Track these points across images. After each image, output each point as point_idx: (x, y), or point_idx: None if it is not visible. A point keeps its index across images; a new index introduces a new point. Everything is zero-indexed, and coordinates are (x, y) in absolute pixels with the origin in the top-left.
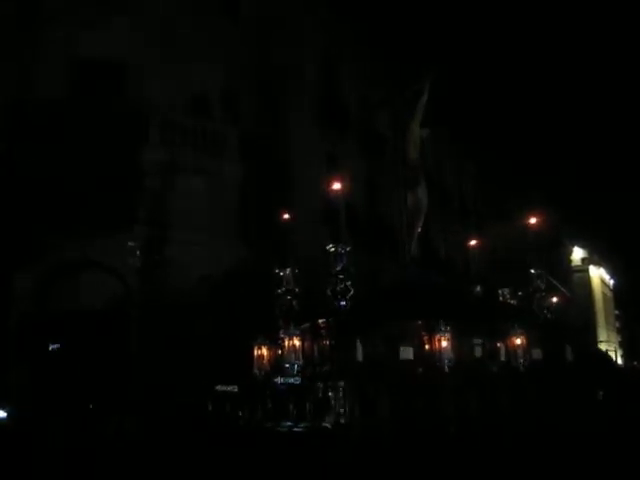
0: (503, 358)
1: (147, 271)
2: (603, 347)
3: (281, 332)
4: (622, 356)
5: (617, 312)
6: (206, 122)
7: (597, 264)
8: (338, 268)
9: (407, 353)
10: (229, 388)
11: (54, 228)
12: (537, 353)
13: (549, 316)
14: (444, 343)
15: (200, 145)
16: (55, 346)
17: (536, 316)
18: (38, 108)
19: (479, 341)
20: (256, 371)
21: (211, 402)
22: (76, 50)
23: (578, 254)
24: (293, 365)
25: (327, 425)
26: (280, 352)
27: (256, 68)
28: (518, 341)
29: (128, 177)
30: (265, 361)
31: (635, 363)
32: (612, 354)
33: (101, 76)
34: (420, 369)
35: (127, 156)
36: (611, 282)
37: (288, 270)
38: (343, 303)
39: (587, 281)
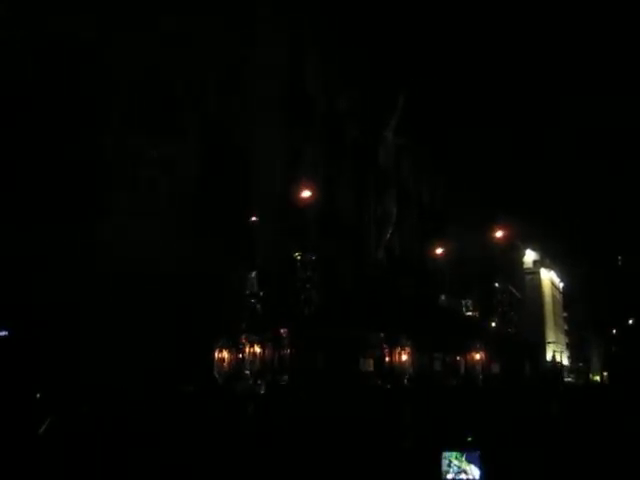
0: (462, 372)
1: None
2: (551, 348)
3: (243, 337)
4: (569, 357)
5: (565, 314)
6: (167, 108)
7: (548, 267)
8: (303, 276)
9: (367, 365)
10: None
11: (13, 216)
12: (496, 367)
13: (510, 330)
14: (404, 357)
15: (161, 133)
16: (2, 333)
17: (496, 331)
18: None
19: (439, 355)
20: (216, 374)
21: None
22: (36, 30)
23: (530, 257)
24: (253, 372)
25: None
26: (241, 356)
27: (221, 58)
28: (477, 356)
29: (88, 164)
30: (225, 364)
31: (580, 364)
32: (558, 355)
33: (61, 58)
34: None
35: (87, 142)
36: (561, 285)
37: (253, 273)
38: (306, 312)
39: (538, 283)
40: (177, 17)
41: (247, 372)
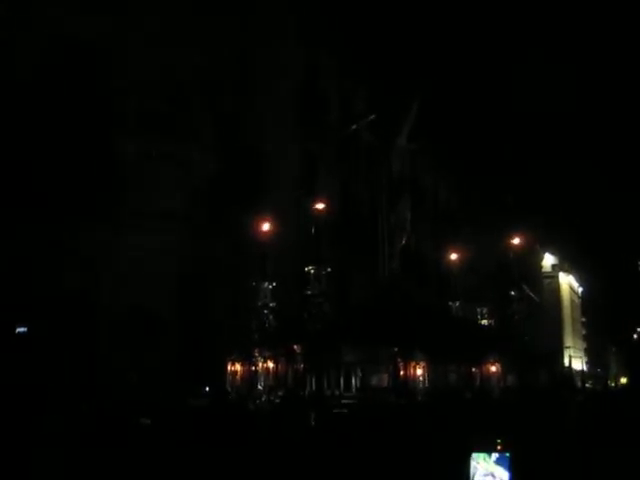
0: (478, 384)
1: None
2: (568, 354)
3: (256, 351)
4: (587, 363)
5: (584, 319)
6: (183, 110)
7: (567, 271)
8: (316, 291)
9: (380, 380)
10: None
11: (28, 212)
12: (512, 378)
13: (526, 338)
14: (419, 371)
15: (176, 133)
16: (22, 329)
17: (512, 342)
18: (15, 90)
19: (454, 367)
20: (229, 387)
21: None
22: (54, 31)
23: (549, 260)
24: (265, 387)
25: None
26: (254, 369)
27: (236, 60)
28: (493, 368)
29: (101, 162)
30: (238, 377)
31: (599, 370)
32: (577, 361)
33: (78, 59)
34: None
35: (101, 141)
36: (580, 289)
37: (266, 284)
38: (319, 327)
39: (556, 287)
40: (192, 17)
41: (260, 387)
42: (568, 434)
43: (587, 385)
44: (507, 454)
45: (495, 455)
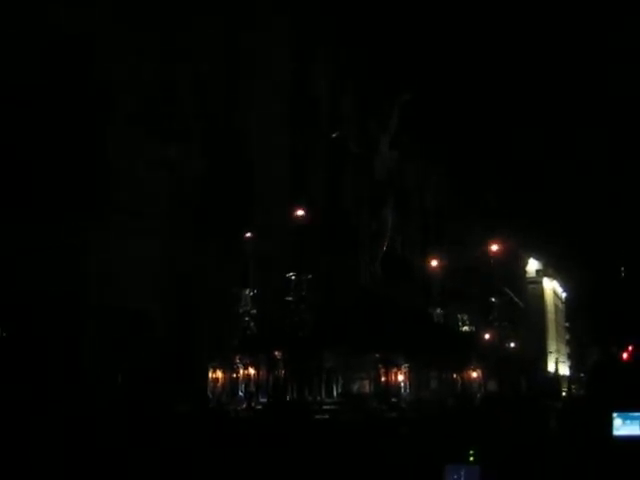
0: (459, 390)
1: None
2: (552, 358)
3: (237, 358)
4: (570, 367)
5: (567, 324)
6: (172, 111)
7: (551, 276)
8: (297, 298)
9: (361, 386)
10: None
11: (11, 210)
12: (492, 385)
13: (507, 345)
14: (400, 377)
15: (164, 134)
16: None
17: (494, 347)
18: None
19: (435, 373)
20: (210, 394)
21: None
22: (49, 22)
23: (533, 266)
24: (246, 393)
25: None
26: (235, 375)
27: (225, 63)
28: (474, 374)
29: (89, 162)
30: (219, 385)
31: (582, 375)
32: (560, 365)
33: (70, 56)
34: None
35: (89, 140)
36: (563, 295)
37: (247, 290)
38: (300, 334)
39: (540, 293)
40: (182, 20)
41: (241, 394)
42: (544, 445)
43: (570, 390)
44: (477, 467)
45: (466, 468)
